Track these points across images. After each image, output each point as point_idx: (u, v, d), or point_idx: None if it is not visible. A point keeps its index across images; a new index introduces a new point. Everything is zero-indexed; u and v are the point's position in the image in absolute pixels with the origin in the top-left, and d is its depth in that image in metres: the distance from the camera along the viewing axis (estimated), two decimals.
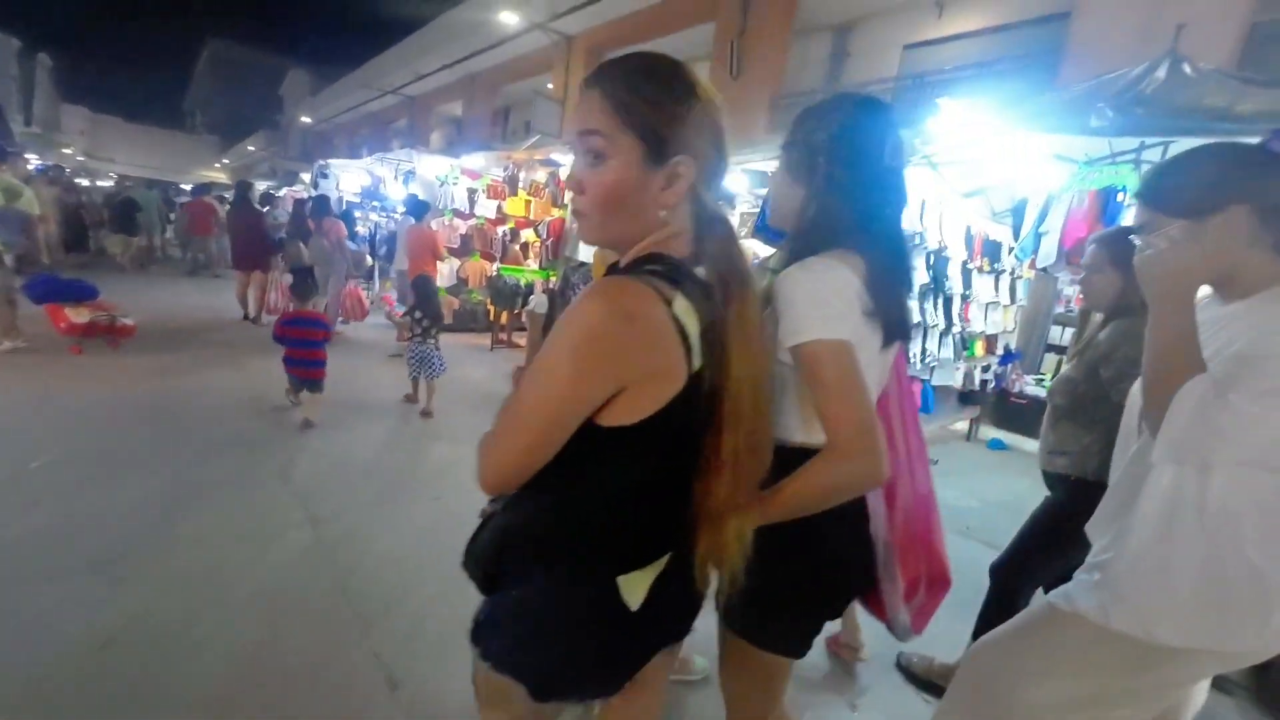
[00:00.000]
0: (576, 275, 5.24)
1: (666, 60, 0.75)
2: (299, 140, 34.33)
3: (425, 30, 17.30)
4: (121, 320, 4.75)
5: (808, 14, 9.69)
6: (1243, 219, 0.87)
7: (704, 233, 0.76)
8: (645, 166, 0.72)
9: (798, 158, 1.01)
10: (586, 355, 0.65)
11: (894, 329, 0.97)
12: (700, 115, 0.74)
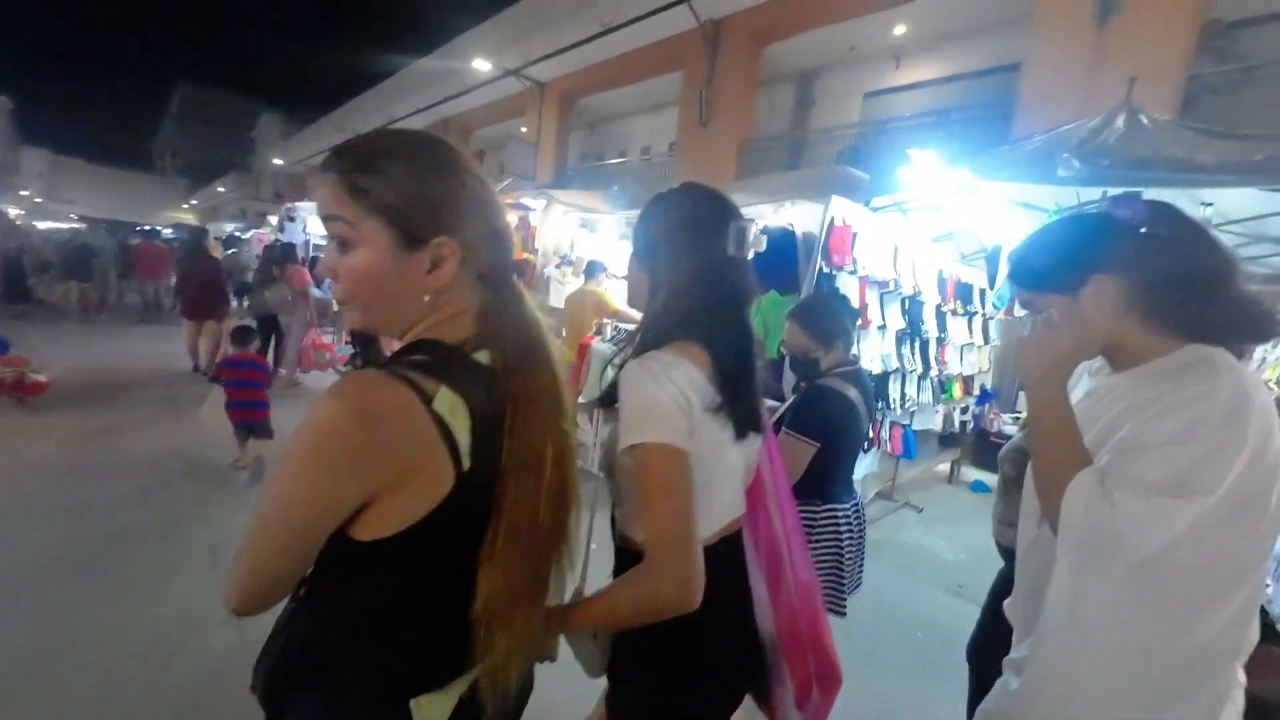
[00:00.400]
0: None
1: (415, 139, 0.71)
2: (270, 182, 34.09)
3: (399, 76, 17.50)
4: (31, 376, 4.42)
5: (772, 63, 10.03)
6: (1109, 288, 0.86)
7: (488, 311, 0.73)
8: (399, 252, 0.68)
9: (643, 246, 1.00)
10: (324, 464, 0.60)
11: (746, 422, 0.94)
12: (461, 191, 0.70)
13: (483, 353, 0.70)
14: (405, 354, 0.69)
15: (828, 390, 1.74)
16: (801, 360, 1.85)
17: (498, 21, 12.92)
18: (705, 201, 1.01)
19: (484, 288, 0.74)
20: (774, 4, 8.86)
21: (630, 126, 14.39)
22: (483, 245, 0.73)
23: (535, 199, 5.45)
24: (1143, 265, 0.85)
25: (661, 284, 0.96)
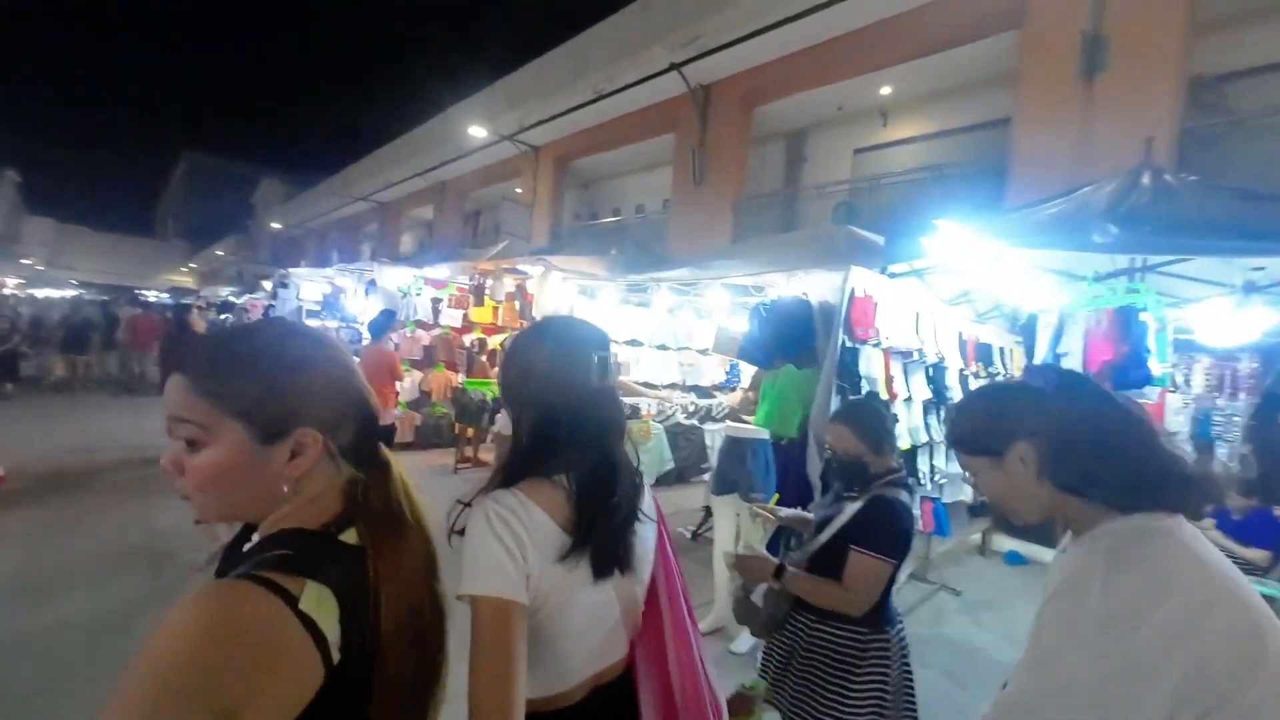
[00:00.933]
0: None
1: (269, 334, 0.73)
2: (269, 245, 34.54)
3: (396, 143, 17.94)
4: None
5: (763, 123, 10.25)
6: (1027, 455, 0.89)
7: (353, 487, 0.74)
8: (256, 448, 0.68)
9: (507, 383, 1.00)
10: (174, 686, 0.55)
11: (608, 561, 0.89)
12: (319, 379, 0.72)
13: (349, 531, 0.71)
14: (268, 547, 0.68)
15: (893, 502, 1.66)
16: (850, 465, 1.75)
17: (493, 90, 13.33)
18: (566, 333, 1.00)
19: (348, 464, 0.74)
20: (761, 69, 9.12)
21: (624, 185, 14.65)
22: (345, 423, 0.74)
23: (533, 265, 5.31)
24: (1052, 431, 0.88)
25: (524, 419, 0.96)
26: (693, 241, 9.96)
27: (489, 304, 6.71)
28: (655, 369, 5.52)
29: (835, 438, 1.77)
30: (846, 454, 1.74)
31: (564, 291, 4.96)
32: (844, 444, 1.75)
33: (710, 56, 9.09)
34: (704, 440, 3.95)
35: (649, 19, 9.47)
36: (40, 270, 41.89)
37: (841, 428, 1.76)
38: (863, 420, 1.76)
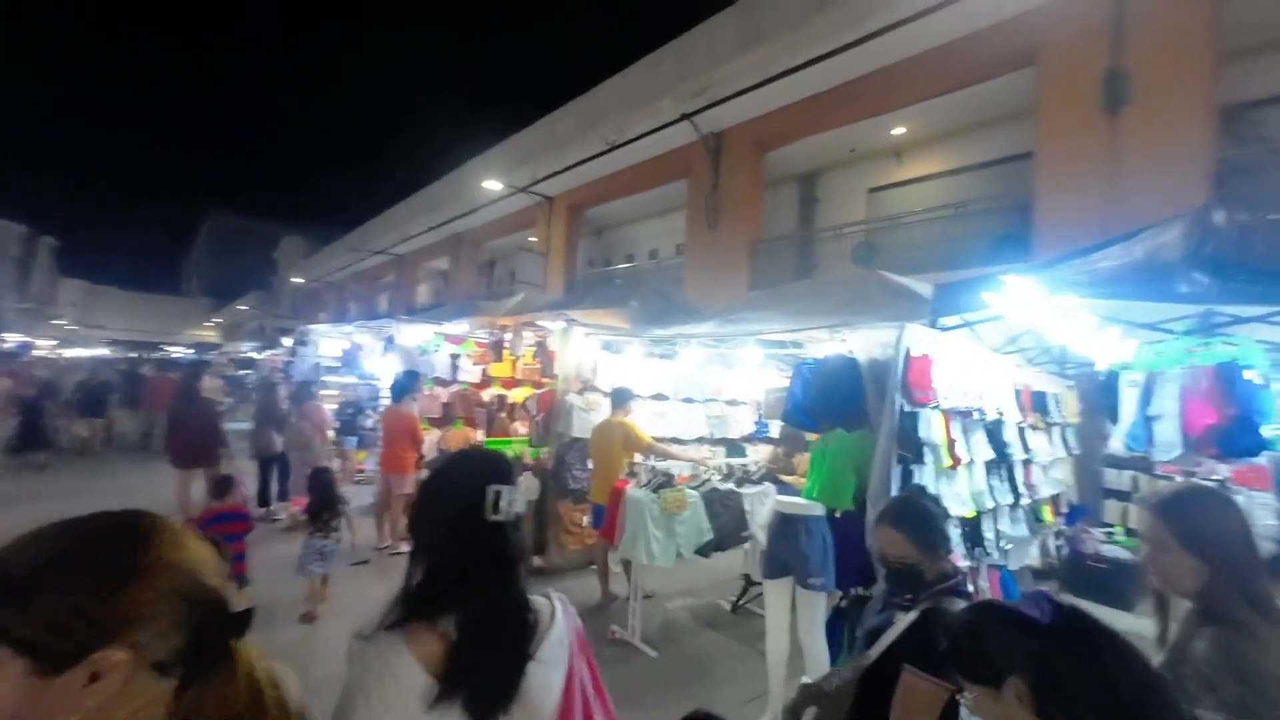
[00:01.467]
0: (572, 454, 4.64)
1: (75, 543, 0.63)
2: (290, 299, 35.33)
3: (413, 198, 18.39)
4: None
5: (775, 166, 10.30)
6: (1025, 695, 0.86)
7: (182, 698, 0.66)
8: (36, 682, 0.58)
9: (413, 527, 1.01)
10: None
11: (491, 704, 0.86)
12: (136, 592, 0.62)
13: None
14: None
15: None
16: (902, 571, 1.60)
17: (506, 145, 13.65)
18: (463, 470, 1.01)
19: (177, 673, 0.66)
20: (772, 115, 9.20)
21: (637, 231, 14.77)
22: (173, 630, 0.65)
23: (553, 320, 5.19)
24: (1047, 669, 0.86)
25: (419, 558, 0.94)
26: (710, 285, 9.88)
27: (508, 359, 6.58)
28: (682, 423, 5.30)
29: (885, 542, 1.62)
30: (898, 559, 1.58)
31: (587, 348, 4.82)
32: (895, 548, 1.60)
33: (720, 106, 9.21)
34: (742, 505, 3.69)
35: (658, 72, 9.67)
36: (72, 330, 43.33)
37: (890, 531, 1.61)
38: (912, 521, 1.61)
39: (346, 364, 9.01)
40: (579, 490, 4.66)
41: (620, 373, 4.91)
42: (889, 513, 1.69)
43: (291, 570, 3.90)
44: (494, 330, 6.20)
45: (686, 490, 3.42)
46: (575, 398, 4.67)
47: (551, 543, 4.60)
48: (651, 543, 3.21)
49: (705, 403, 5.53)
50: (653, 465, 3.67)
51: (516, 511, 0.95)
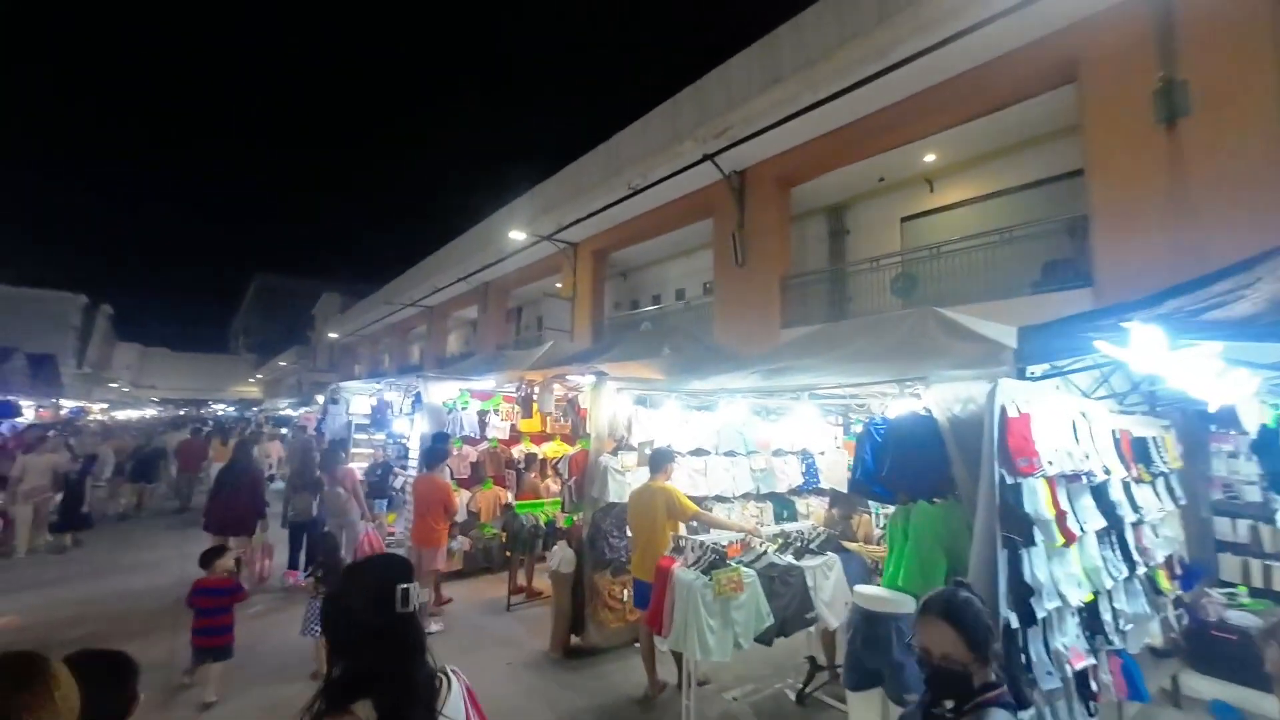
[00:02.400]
0: (608, 521, 4.28)
1: None
2: (326, 353, 36.32)
3: (442, 251, 18.79)
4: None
5: (802, 200, 10.08)
6: None
7: None
8: None
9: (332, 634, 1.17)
10: None
11: None
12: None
13: None
14: None
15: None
16: (949, 674, 1.42)
17: (531, 196, 13.84)
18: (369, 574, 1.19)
19: None
20: (796, 151, 9.04)
21: (663, 272, 14.66)
22: None
23: (582, 374, 4.92)
24: None
25: (337, 656, 1.11)
26: (740, 324, 9.58)
27: (537, 415, 6.33)
28: (725, 479, 4.90)
29: (933, 637, 1.44)
30: (945, 658, 1.41)
31: (620, 403, 4.52)
32: (944, 645, 1.42)
33: (741, 145, 9.11)
34: (805, 581, 3.26)
35: (678, 116, 9.67)
36: (125, 392, 45.29)
37: (940, 625, 1.44)
38: (966, 615, 1.44)
39: (376, 422, 8.91)
40: (618, 561, 4.28)
41: (656, 429, 4.58)
42: (938, 603, 1.49)
43: None
44: (522, 385, 5.98)
45: (742, 569, 3.02)
46: (609, 459, 4.34)
47: (590, 620, 4.19)
48: (705, 633, 2.81)
49: (749, 455, 5.13)
50: (701, 543, 3.28)
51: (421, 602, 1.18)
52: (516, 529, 5.22)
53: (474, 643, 4.57)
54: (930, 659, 1.44)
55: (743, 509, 5.00)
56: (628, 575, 4.27)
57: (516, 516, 5.26)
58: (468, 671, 1.31)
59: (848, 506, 3.59)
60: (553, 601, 4.33)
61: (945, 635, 1.42)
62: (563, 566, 4.24)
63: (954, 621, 1.42)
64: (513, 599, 5.40)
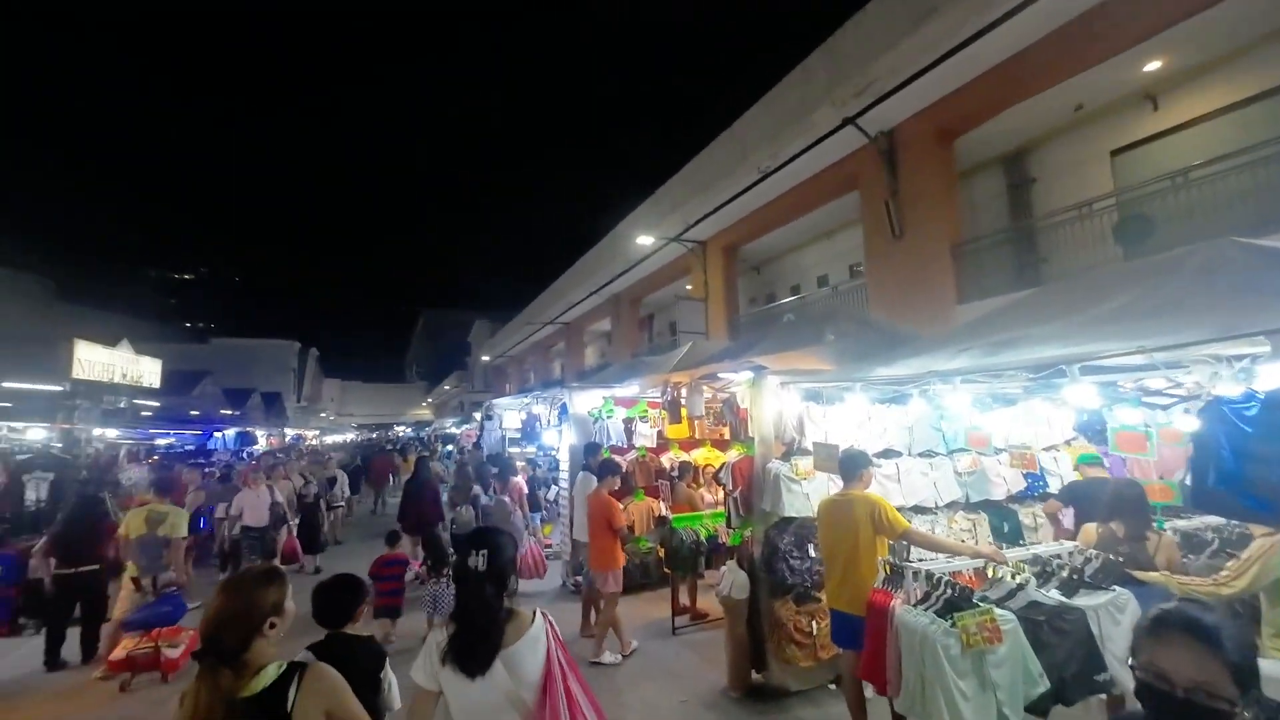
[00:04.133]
0: (786, 539, 3.63)
1: None
2: (482, 376, 39.80)
3: (574, 267, 19.44)
4: (166, 653, 4.43)
5: (967, 152, 8.58)
6: None
7: None
8: None
9: None
10: None
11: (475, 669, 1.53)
12: None
13: None
14: None
15: None
16: (1203, 712, 1.04)
17: (655, 198, 13.66)
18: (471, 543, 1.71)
19: None
20: (960, 94, 7.66)
21: (799, 260, 13.58)
22: None
23: (736, 370, 4.35)
24: None
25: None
26: (903, 304, 8.32)
27: (685, 419, 5.87)
28: (924, 485, 3.99)
29: (1180, 661, 1.08)
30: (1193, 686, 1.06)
31: (786, 401, 3.87)
32: (1196, 672, 1.07)
33: (888, 100, 7.95)
34: (1087, 627, 2.34)
35: (808, 82, 8.76)
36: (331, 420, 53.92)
37: (1198, 647, 1.08)
38: (1233, 641, 1.08)
39: (526, 435, 9.13)
40: (801, 587, 3.62)
41: (834, 428, 3.85)
42: (1185, 619, 1.12)
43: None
44: (668, 389, 5.55)
45: (994, 610, 2.21)
46: (780, 465, 3.70)
47: (772, 657, 3.57)
48: (956, 699, 2.06)
49: (952, 455, 4.16)
50: (927, 567, 2.51)
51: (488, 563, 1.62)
52: (676, 545, 4.77)
53: (642, 671, 4.18)
54: (1172, 688, 1.10)
55: (949, 522, 4.04)
56: (815, 604, 3.59)
57: (675, 532, 4.81)
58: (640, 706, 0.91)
59: (1136, 522, 2.59)
60: (727, 631, 3.78)
61: (1200, 659, 1.10)
62: (735, 592, 3.67)
63: (1213, 643, 1.09)
64: (677, 623, 4.94)
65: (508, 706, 1.52)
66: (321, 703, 1.49)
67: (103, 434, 10.74)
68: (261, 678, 1.43)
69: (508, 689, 1.51)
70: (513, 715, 1.52)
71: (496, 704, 1.51)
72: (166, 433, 14.46)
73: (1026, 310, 3.08)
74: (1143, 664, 1.14)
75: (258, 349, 44.77)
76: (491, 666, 1.51)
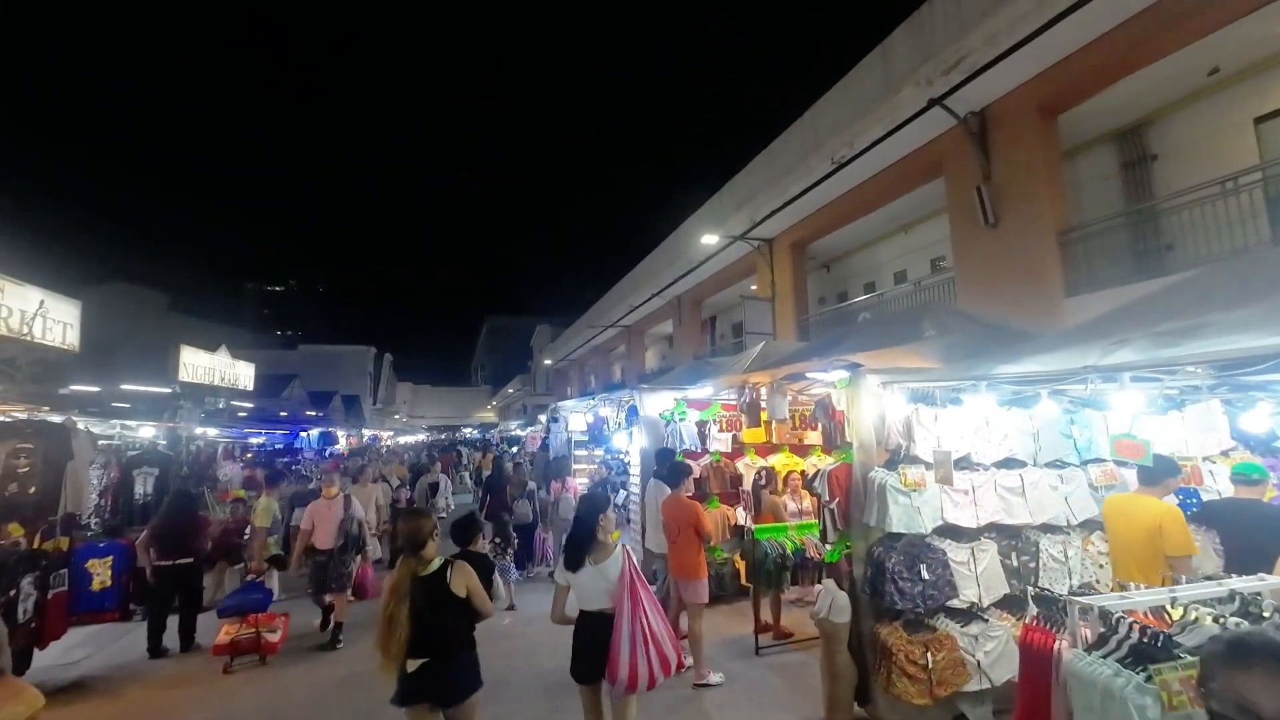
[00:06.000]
0: (894, 557, 3.23)
1: None
2: (544, 379, 40.54)
3: (635, 269, 19.33)
4: (266, 636, 4.76)
5: (1073, 130, 7.74)
6: None
7: None
8: None
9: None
10: None
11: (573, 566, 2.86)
12: None
13: None
14: None
15: None
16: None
17: (721, 195, 13.31)
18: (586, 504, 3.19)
19: None
20: (1068, 63, 6.89)
21: (874, 256, 12.83)
22: None
23: (826, 369, 3.98)
24: None
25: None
26: (998, 299, 7.57)
27: (764, 422, 5.51)
28: (1054, 501, 3.47)
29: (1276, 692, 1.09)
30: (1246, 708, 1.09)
31: (891, 403, 3.46)
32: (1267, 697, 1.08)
33: (981, 76, 7.27)
34: None
35: (890, 62, 8.18)
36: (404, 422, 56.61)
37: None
38: None
39: (593, 439, 9.00)
40: (912, 612, 3.20)
41: (946, 432, 3.40)
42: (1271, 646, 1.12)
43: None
44: (746, 389, 5.22)
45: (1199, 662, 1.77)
46: (885, 474, 3.30)
47: (881, 691, 3.17)
48: None
49: (1085, 466, 3.61)
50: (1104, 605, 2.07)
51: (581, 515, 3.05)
52: (759, 558, 4.43)
53: (729, 698, 3.86)
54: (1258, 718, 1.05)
55: (1083, 544, 3.50)
56: (930, 634, 3.17)
57: (758, 543, 4.46)
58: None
59: None
60: (823, 657, 3.41)
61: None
62: (834, 614, 3.30)
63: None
64: (761, 642, 4.59)
65: (603, 590, 2.80)
66: (463, 580, 2.64)
67: (204, 432, 11.54)
68: (431, 565, 2.63)
69: (601, 582, 2.81)
70: (605, 595, 2.80)
71: (596, 588, 2.81)
72: (259, 431, 15.45)
73: (1198, 292, 2.57)
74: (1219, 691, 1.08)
75: (339, 354, 47.68)
76: (585, 567, 2.82)
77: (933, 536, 3.36)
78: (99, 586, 5.39)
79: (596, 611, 2.78)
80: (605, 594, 2.76)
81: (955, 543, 3.38)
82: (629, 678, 2.61)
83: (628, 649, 2.62)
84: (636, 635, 2.64)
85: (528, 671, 4.37)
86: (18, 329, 7.76)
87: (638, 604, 2.69)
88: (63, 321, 8.57)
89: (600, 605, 2.77)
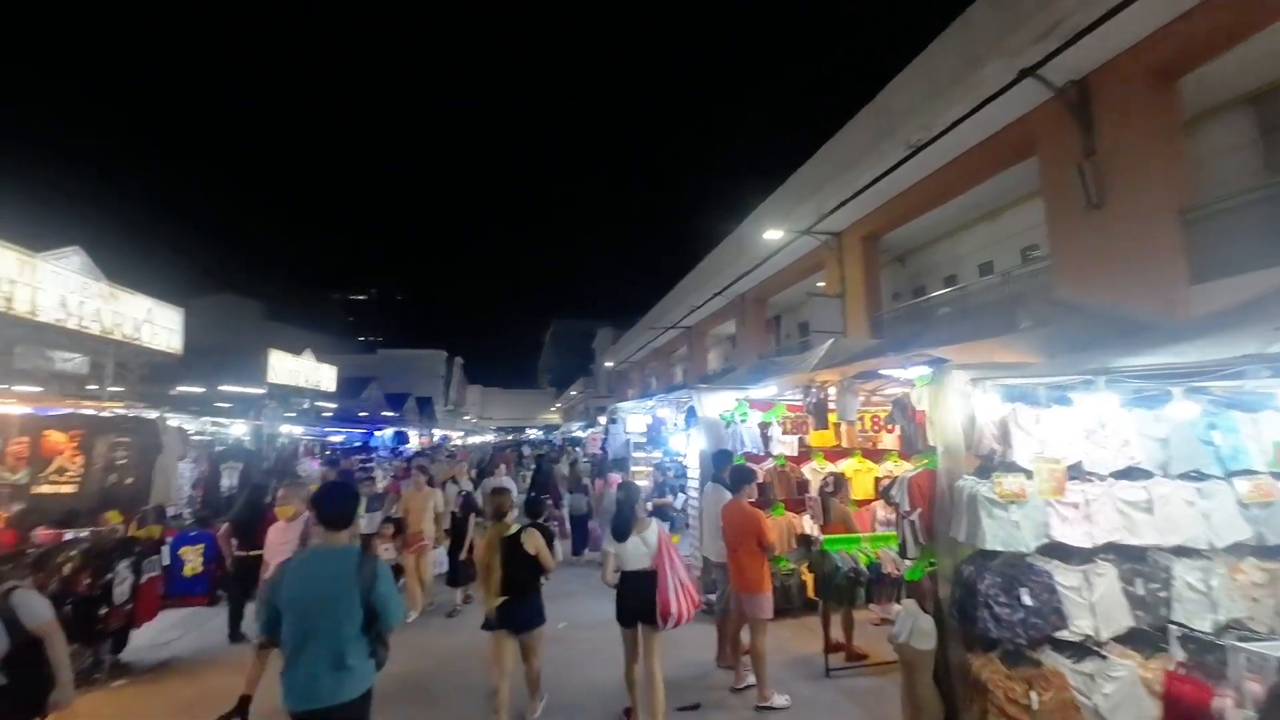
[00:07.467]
0: (988, 579, 2.81)
1: None
2: (605, 381, 40.93)
3: (696, 269, 19.02)
4: None
5: (1195, 96, 6.78)
6: None
7: None
8: None
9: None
10: None
11: (619, 537, 3.70)
12: None
13: None
14: None
15: None
16: None
17: (786, 187, 12.82)
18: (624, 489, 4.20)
19: None
20: (1189, 18, 6.02)
21: (954, 248, 11.90)
22: None
23: (906, 365, 3.58)
24: None
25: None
26: (1108, 288, 6.72)
27: (833, 424, 5.12)
28: (1192, 519, 2.92)
29: None
30: None
31: (981, 403, 3.04)
32: None
33: (1081, 40, 6.48)
34: None
35: (972, 33, 7.51)
36: (474, 423, 58.90)
37: None
38: None
39: (651, 440, 8.81)
40: (1011, 643, 2.77)
41: (1050, 436, 2.94)
42: None
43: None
44: (812, 389, 4.86)
45: None
46: (976, 484, 2.89)
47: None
48: None
49: (1229, 479, 3.03)
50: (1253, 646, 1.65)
51: (621, 500, 3.94)
52: (829, 572, 4.07)
53: None
54: None
55: (1231, 572, 2.93)
56: (1034, 669, 2.73)
57: (828, 556, 4.10)
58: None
59: None
60: (904, 686, 3.03)
61: None
62: (916, 640, 2.92)
63: None
64: (831, 662, 4.22)
65: (645, 554, 3.59)
66: (533, 542, 3.53)
67: (289, 430, 12.35)
68: (511, 528, 3.59)
69: (643, 548, 3.61)
70: (646, 557, 3.59)
71: (639, 553, 3.60)
72: (339, 430, 16.40)
73: None
74: None
75: (414, 358, 50.27)
76: (630, 537, 3.63)
77: (1036, 556, 2.91)
78: (190, 573, 5.77)
79: (637, 570, 3.58)
80: (646, 557, 3.58)
81: (1064, 564, 2.91)
82: (677, 614, 3.44)
83: (673, 595, 3.46)
84: (674, 585, 3.49)
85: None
86: (131, 334, 8.57)
87: (674, 563, 3.56)
88: (167, 327, 9.41)
89: (641, 565, 3.58)
